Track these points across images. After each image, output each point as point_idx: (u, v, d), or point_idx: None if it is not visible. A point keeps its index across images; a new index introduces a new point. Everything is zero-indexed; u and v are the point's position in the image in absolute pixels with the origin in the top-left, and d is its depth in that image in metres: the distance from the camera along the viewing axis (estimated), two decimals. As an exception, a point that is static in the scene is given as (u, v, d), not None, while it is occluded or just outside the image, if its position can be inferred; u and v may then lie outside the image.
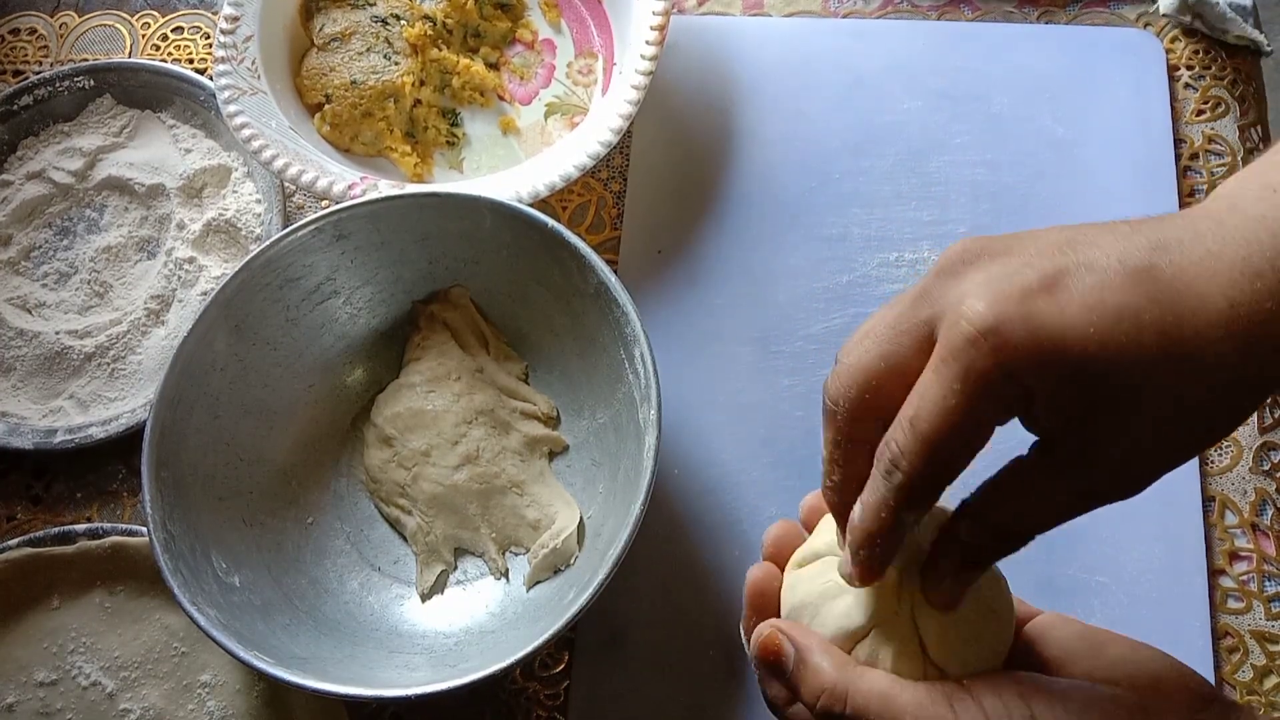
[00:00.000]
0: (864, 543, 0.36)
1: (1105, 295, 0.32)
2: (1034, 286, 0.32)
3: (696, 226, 0.70)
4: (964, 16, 0.75)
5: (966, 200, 0.69)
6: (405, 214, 0.62)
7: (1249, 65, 0.71)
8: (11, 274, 0.73)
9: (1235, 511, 0.60)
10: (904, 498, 0.34)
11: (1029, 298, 0.32)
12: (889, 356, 0.35)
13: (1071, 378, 0.32)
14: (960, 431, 0.33)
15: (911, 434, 0.33)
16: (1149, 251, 0.33)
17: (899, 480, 0.34)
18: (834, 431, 0.37)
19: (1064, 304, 0.32)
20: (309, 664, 0.54)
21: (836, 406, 0.36)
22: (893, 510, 0.35)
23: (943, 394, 0.33)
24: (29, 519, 0.68)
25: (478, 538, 0.62)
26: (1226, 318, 0.32)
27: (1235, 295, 0.32)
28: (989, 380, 0.32)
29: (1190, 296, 0.32)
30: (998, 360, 0.32)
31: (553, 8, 0.78)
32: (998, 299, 0.32)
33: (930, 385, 0.33)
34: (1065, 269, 0.33)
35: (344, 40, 0.74)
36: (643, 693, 0.59)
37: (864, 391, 0.36)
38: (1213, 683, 0.56)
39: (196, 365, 0.59)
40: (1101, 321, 0.31)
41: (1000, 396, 0.32)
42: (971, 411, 0.32)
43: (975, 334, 0.32)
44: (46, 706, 0.61)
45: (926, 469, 0.34)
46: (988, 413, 0.33)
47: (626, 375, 0.58)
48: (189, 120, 0.76)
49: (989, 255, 0.34)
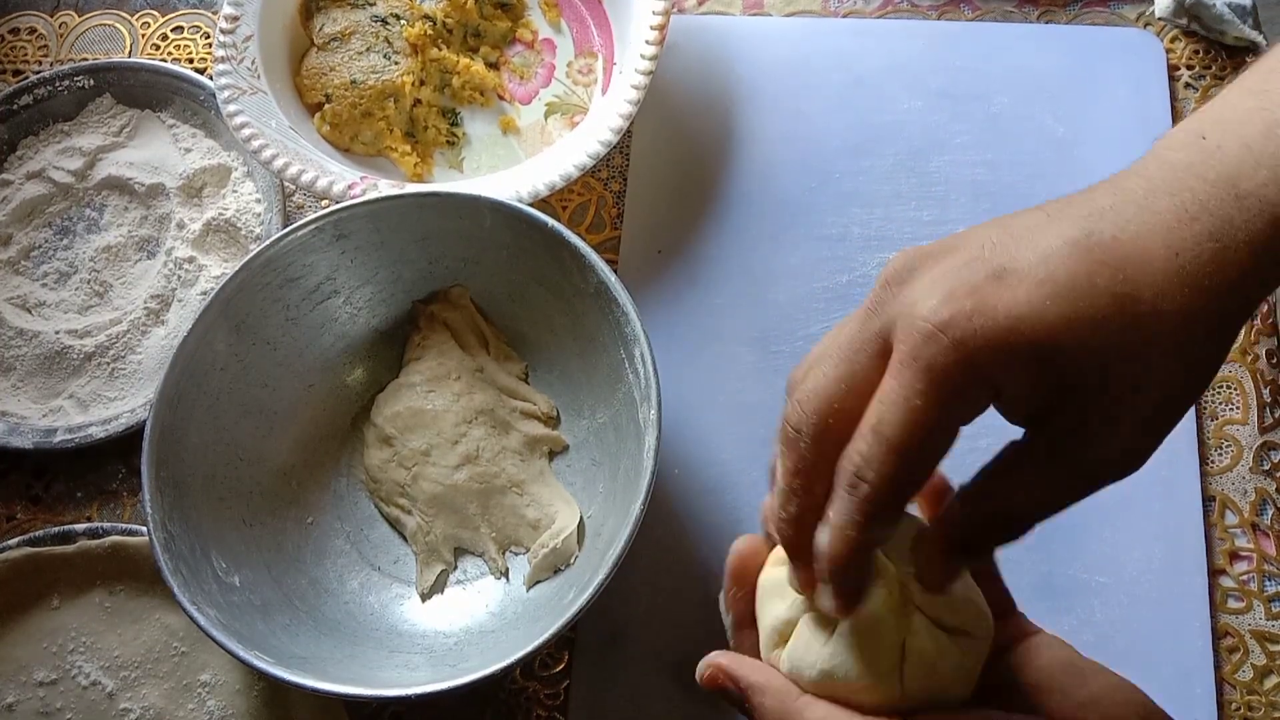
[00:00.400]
0: (837, 567, 0.35)
1: (1053, 270, 0.31)
2: (983, 276, 0.32)
3: (696, 226, 0.70)
4: (964, 16, 0.75)
5: (966, 200, 0.69)
6: (405, 214, 0.62)
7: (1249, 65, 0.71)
8: (11, 273, 0.73)
9: (1235, 511, 0.60)
10: (871, 511, 0.33)
11: (980, 288, 0.32)
12: (847, 378, 0.34)
13: (1036, 359, 0.31)
14: (928, 433, 0.32)
15: (876, 441, 0.32)
16: (1085, 219, 0.32)
17: (865, 492, 0.33)
18: (795, 460, 0.36)
19: (1015, 286, 0.32)
20: (309, 664, 0.54)
21: (799, 434, 0.35)
22: (860, 526, 0.33)
23: (906, 396, 0.32)
24: (29, 519, 0.68)
25: (478, 537, 0.62)
26: (1174, 267, 0.32)
27: (1176, 243, 0.32)
28: (952, 376, 0.32)
29: (1135, 254, 0.32)
30: (960, 354, 0.31)
31: (553, 7, 0.78)
32: (950, 294, 0.32)
33: (892, 390, 0.32)
34: (1010, 254, 0.32)
35: (344, 40, 0.74)
36: (643, 693, 0.59)
37: (826, 416, 0.34)
38: (1213, 683, 0.56)
39: (196, 365, 0.59)
40: (1055, 294, 0.31)
41: (965, 392, 0.32)
42: (938, 411, 0.32)
43: (932, 330, 0.32)
44: (46, 706, 0.61)
45: (894, 476, 0.33)
46: (954, 411, 0.32)
47: (626, 375, 0.58)
48: (189, 120, 0.76)
49: (931, 259, 0.34)
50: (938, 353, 0.31)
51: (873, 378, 0.34)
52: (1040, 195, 0.72)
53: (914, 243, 0.67)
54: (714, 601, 0.58)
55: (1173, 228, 0.32)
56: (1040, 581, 0.59)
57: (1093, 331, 0.31)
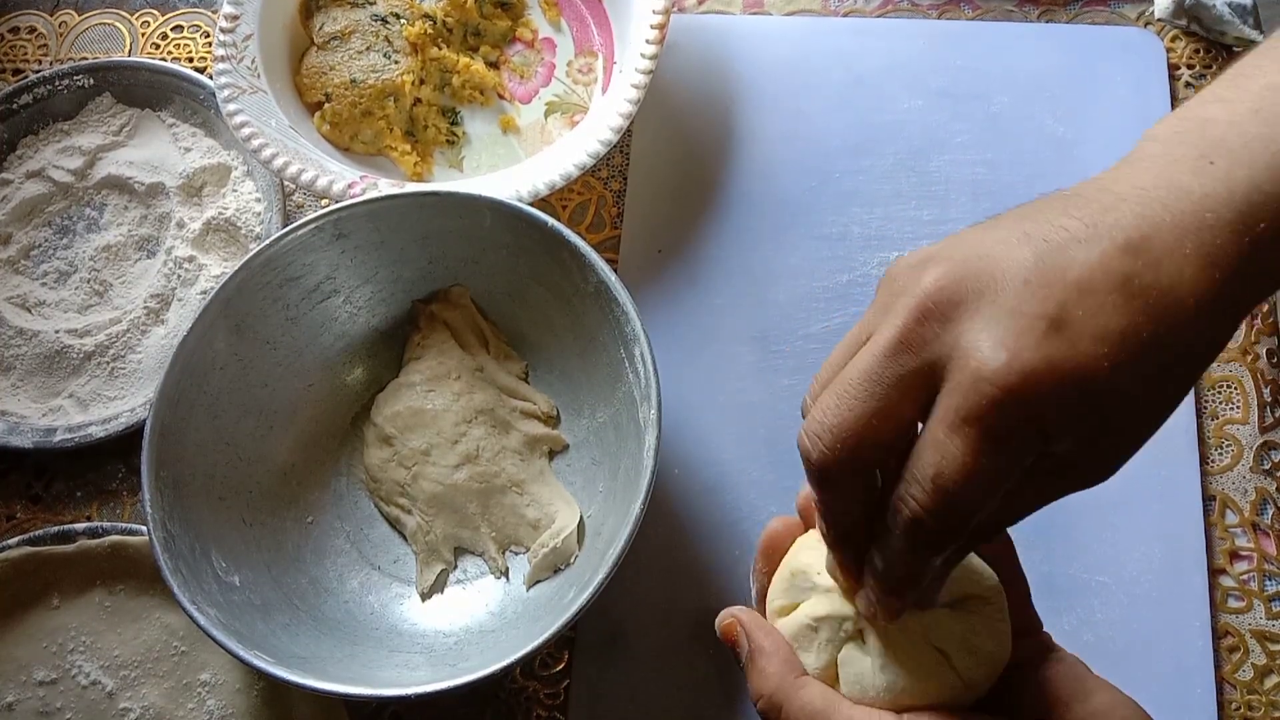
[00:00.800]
0: (891, 592, 0.36)
1: (1107, 323, 0.32)
2: (1043, 330, 0.32)
3: (696, 226, 0.70)
4: (964, 16, 0.75)
5: (966, 199, 0.69)
6: (405, 213, 0.62)
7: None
8: (11, 273, 0.73)
9: (1236, 511, 0.60)
10: (931, 552, 0.34)
11: (1042, 343, 0.32)
12: (879, 414, 0.34)
13: (1089, 406, 0.32)
14: (988, 486, 0.33)
15: (935, 493, 0.33)
16: (1121, 256, 0.32)
17: (924, 538, 0.34)
18: (826, 494, 0.36)
19: (1074, 341, 0.32)
20: (309, 663, 0.54)
21: (827, 474, 0.35)
22: (919, 561, 0.35)
23: (968, 453, 0.32)
24: (29, 518, 0.68)
25: (478, 537, 0.62)
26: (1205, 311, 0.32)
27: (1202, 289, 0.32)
28: (1016, 436, 0.32)
29: (1171, 302, 0.32)
30: (1026, 415, 0.32)
31: (553, 6, 0.78)
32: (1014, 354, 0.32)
33: (953, 445, 0.32)
34: (1061, 302, 0.32)
35: (344, 39, 0.74)
36: (643, 693, 0.59)
37: (856, 453, 0.34)
38: (1213, 683, 0.56)
39: (196, 364, 0.59)
40: (1113, 351, 0.32)
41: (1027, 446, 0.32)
42: (1001, 465, 0.32)
43: (999, 394, 0.31)
44: (46, 705, 0.61)
45: (954, 522, 0.33)
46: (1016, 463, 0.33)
47: (626, 374, 0.58)
48: (189, 119, 0.76)
49: (976, 297, 0.33)
50: (1009, 417, 0.32)
51: (904, 410, 0.34)
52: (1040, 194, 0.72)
53: (914, 243, 0.68)
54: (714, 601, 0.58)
55: (1199, 276, 0.32)
56: (1040, 581, 0.58)
57: (1133, 379, 0.32)
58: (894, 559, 0.35)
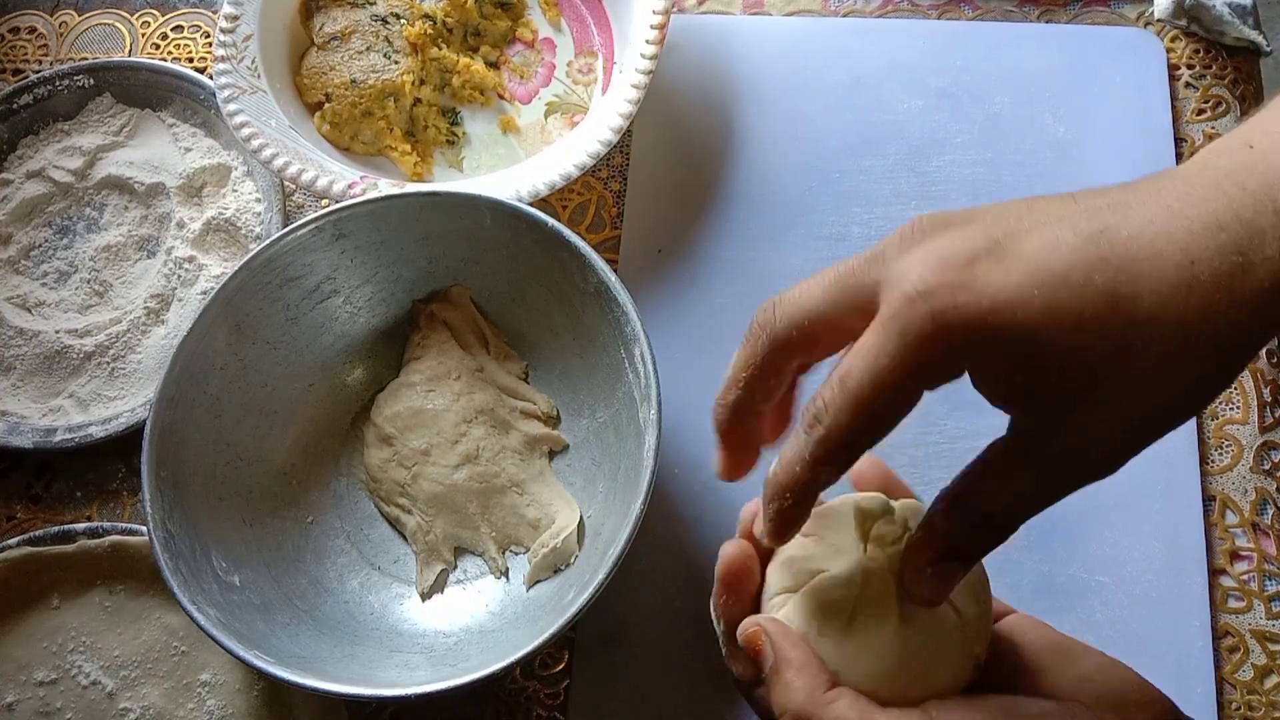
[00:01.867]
0: (776, 495, 0.36)
1: (1052, 258, 0.31)
2: (979, 252, 0.32)
3: (696, 226, 0.70)
4: (964, 16, 0.75)
5: (966, 200, 0.69)
6: (405, 213, 0.62)
7: (1249, 65, 0.71)
8: (11, 273, 0.73)
9: (1236, 511, 0.60)
10: (822, 452, 0.34)
11: (973, 263, 0.31)
12: (829, 304, 0.35)
13: (1010, 345, 0.31)
14: (890, 393, 0.32)
15: (840, 390, 0.33)
16: (1106, 213, 0.32)
17: (819, 434, 0.34)
18: (749, 354, 0.37)
19: (1008, 268, 0.31)
20: (309, 663, 0.54)
21: (762, 331, 0.36)
22: (809, 465, 0.34)
23: (876, 354, 0.32)
24: (29, 518, 0.68)
25: (478, 537, 0.62)
26: (1186, 276, 0.30)
27: (1195, 250, 0.30)
28: (924, 345, 0.31)
29: (1146, 256, 0.30)
30: (935, 325, 0.31)
31: (553, 6, 0.78)
32: (941, 264, 0.32)
33: (865, 345, 0.33)
34: (1013, 234, 0.32)
35: (344, 39, 0.74)
36: (643, 693, 0.59)
37: (793, 328, 0.36)
38: (1213, 683, 0.56)
39: (196, 364, 0.59)
40: (1046, 284, 0.30)
41: (935, 362, 0.32)
42: (903, 375, 0.32)
43: (914, 295, 0.32)
44: (46, 705, 0.61)
45: (850, 426, 0.33)
46: (920, 377, 0.32)
47: (626, 374, 0.58)
48: (189, 119, 0.76)
49: (944, 226, 0.34)
50: (913, 320, 0.32)
51: (848, 317, 0.34)
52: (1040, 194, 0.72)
53: (914, 242, 0.68)
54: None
55: (1196, 234, 0.30)
56: (1040, 581, 0.59)
57: (1077, 328, 0.30)
58: (786, 462, 0.35)
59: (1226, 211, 0.31)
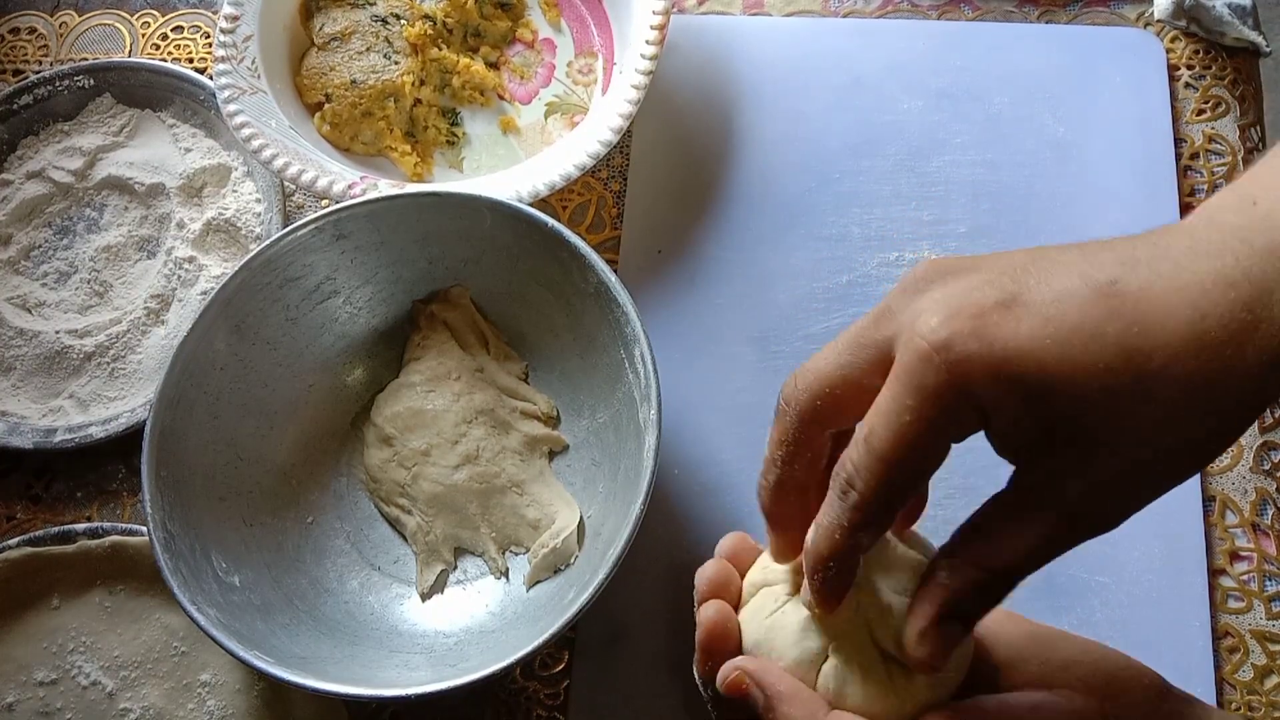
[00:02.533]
0: (819, 565, 0.35)
1: (1065, 309, 0.31)
2: (991, 302, 0.32)
3: (696, 226, 0.70)
4: (964, 16, 0.75)
5: (966, 200, 0.69)
6: (405, 214, 0.62)
7: (1249, 65, 0.71)
8: (11, 273, 0.73)
9: (1235, 511, 0.60)
10: (859, 517, 0.34)
11: (985, 313, 0.31)
12: (846, 367, 0.35)
13: (1029, 396, 0.31)
14: (915, 449, 0.32)
15: (866, 451, 0.33)
16: (1114, 266, 0.32)
17: (854, 499, 0.34)
18: (780, 431, 0.37)
19: (1021, 319, 0.31)
20: (309, 664, 0.54)
21: (788, 407, 0.36)
22: (847, 531, 0.34)
23: (897, 411, 0.32)
24: (29, 518, 0.68)
25: (478, 537, 0.62)
26: (1196, 331, 0.30)
27: (1205, 306, 0.30)
28: (943, 397, 0.32)
29: (1156, 310, 0.31)
30: (951, 376, 0.31)
31: (553, 7, 0.78)
32: (953, 314, 0.32)
33: (885, 402, 0.33)
34: (1025, 285, 0.32)
35: (344, 40, 0.74)
36: (643, 693, 0.59)
37: (815, 398, 0.35)
38: (1213, 683, 0.56)
39: (196, 365, 0.59)
40: (1059, 335, 0.31)
41: (955, 414, 0.32)
42: (926, 429, 0.32)
43: (928, 349, 0.31)
44: (46, 706, 0.61)
45: (881, 487, 0.33)
46: (943, 431, 0.32)
47: (626, 375, 0.58)
48: (189, 119, 0.76)
49: (951, 274, 0.34)
50: (930, 373, 0.32)
51: (868, 377, 0.34)
52: (1040, 195, 0.72)
53: (914, 244, 0.68)
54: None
55: (1207, 290, 0.31)
56: (1040, 581, 0.58)
57: (1089, 380, 0.31)
58: (824, 530, 0.35)
59: (1235, 268, 0.31)
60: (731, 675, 0.38)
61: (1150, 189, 0.67)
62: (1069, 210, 0.67)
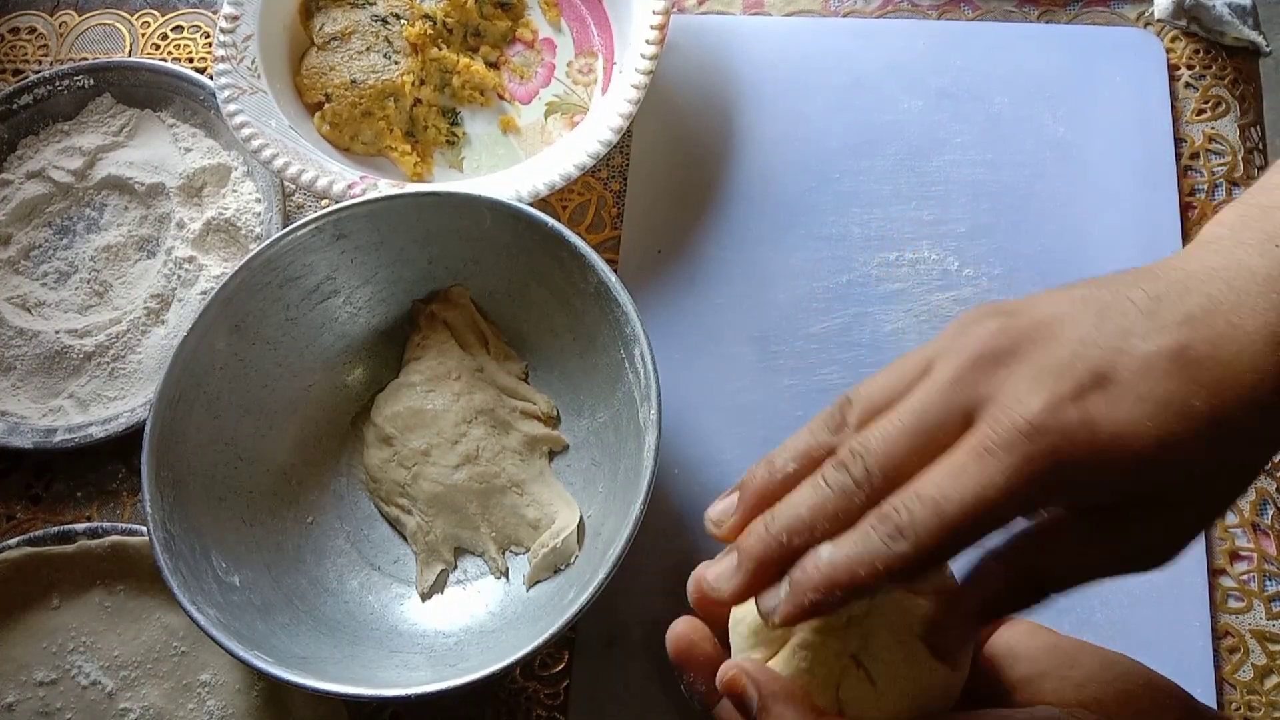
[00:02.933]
0: (824, 588, 0.34)
1: (1154, 386, 0.32)
2: (1086, 383, 0.33)
3: (696, 226, 0.70)
4: (964, 16, 0.75)
5: (966, 200, 0.69)
6: (405, 213, 0.62)
7: (1249, 65, 0.71)
8: (11, 273, 0.73)
9: (1235, 511, 0.60)
10: (900, 566, 0.33)
11: (1082, 394, 0.33)
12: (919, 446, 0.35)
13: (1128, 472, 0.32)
14: (988, 516, 0.33)
15: (933, 512, 0.33)
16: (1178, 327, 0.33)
17: (901, 549, 0.33)
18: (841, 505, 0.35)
19: (1116, 399, 0.32)
20: (309, 664, 0.54)
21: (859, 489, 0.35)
22: (878, 574, 0.33)
23: (983, 484, 0.32)
24: (29, 518, 0.68)
25: (478, 537, 0.62)
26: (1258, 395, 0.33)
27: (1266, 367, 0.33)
28: (1038, 476, 0.32)
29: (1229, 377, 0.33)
30: (1054, 459, 0.32)
31: (553, 7, 0.78)
32: (1053, 397, 0.33)
33: (967, 471, 0.33)
34: (1111, 360, 0.33)
35: (344, 39, 0.74)
36: (643, 693, 0.59)
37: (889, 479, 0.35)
38: (1213, 683, 0.56)
39: (196, 365, 0.59)
40: (1155, 415, 0.32)
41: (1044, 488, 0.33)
42: (1007, 500, 0.32)
43: (1031, 430, 0.32)
44: (46, 706, 0.61)
45: (936, 546, 0.33)
46: (1023, 505, 0.33)
47: (626, 375, 0.58)
48: (189, 119, 0.76)
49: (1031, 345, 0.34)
50: (1033, 453, 0.32)
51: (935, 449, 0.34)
52: (1040, 195, 0.72)
53: (914, 243, 0.68)
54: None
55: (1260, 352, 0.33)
56: (1040, 581, 0.59)
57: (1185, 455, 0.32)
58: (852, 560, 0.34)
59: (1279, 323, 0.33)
60: (730, 674, 0.38)
61: (1150, 189, 0.67)
62: (1069, 210, 0.67)
